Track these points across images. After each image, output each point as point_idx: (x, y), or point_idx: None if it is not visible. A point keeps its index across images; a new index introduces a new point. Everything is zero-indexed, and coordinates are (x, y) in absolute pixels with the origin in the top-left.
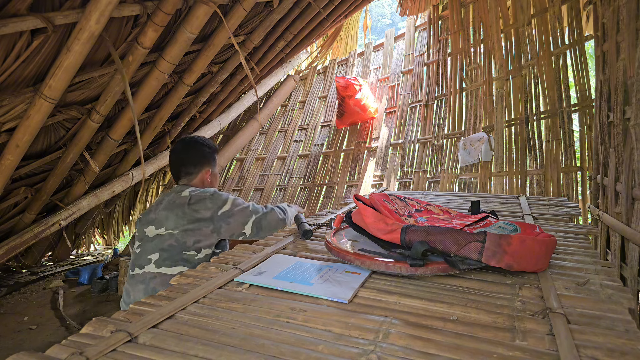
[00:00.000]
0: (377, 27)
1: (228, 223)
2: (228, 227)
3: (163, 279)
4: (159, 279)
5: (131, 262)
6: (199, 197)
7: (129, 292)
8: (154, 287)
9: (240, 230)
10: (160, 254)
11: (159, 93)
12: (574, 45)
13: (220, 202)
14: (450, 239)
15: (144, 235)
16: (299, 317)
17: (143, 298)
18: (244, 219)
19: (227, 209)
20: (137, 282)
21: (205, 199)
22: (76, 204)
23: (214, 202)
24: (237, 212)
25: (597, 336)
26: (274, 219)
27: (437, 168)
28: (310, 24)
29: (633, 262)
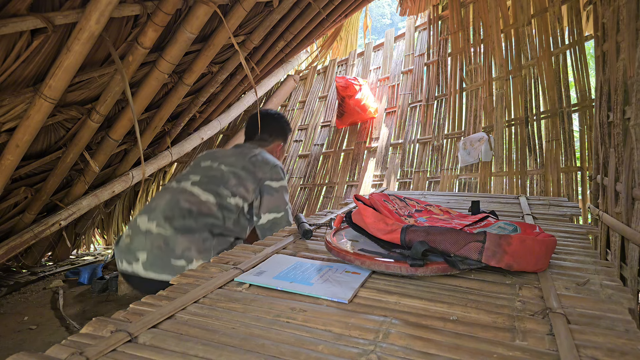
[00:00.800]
0: (377, 27)
1: (264, 196)
2: (262, 199)
3: (190, 198)
4: (187, 196)
5: (177, 176)
6: (264, 160)
7: (156, 198)
8: (177, 199)
9: (262, 211)
10: (201, 179)
11: (159, 93)
12: (574, 45)
13: (275, 176)
14: (450, 239)
15: (198, 163)
16: (299, 317)
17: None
18: (274, 208)
19: (275, 186)
20: (168, 189)
21: (268, 164)
22: (76, 204)
23: (271, 172)
24: (276, 198)
25: (597, 336)
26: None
27: (437, 168)
28: (310, 24)
29: (633, 262)
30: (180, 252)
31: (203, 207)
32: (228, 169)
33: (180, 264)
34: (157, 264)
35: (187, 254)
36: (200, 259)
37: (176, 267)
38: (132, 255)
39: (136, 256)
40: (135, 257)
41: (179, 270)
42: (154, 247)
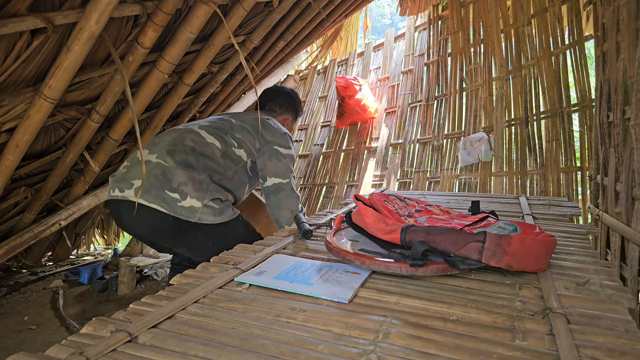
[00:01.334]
0: (377, 27)
1: (269, 158)
2: (266, 160)
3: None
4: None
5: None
6: (274, 125)
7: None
8: (183, 137)
9: (268, 174)
10: (210, 124)
11: (159, 93)
12: (574, 45)
13: (284, 143)
14: (450, 239)
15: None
16: (299, 317)
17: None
18: (280, 173)
19: (283, 152)
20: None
21: (278, 130)
22: (76, 204)
23: (281, 139)
24: (283, 164)
25: (597, 336)
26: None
27: (437, 168)
28: (310, 24)
29: (633, 262)
30: (176, 184)
31: (207, 148)
32: (238, 122)
33: (174, 197)
34: (150, 192)
35: (182, 188)
36: (194, 199)
37: (168, 199)
38: (127, 183)
39: (130, 183)
40: (130, 184)
41: (170, 203)
42: (150, 175)
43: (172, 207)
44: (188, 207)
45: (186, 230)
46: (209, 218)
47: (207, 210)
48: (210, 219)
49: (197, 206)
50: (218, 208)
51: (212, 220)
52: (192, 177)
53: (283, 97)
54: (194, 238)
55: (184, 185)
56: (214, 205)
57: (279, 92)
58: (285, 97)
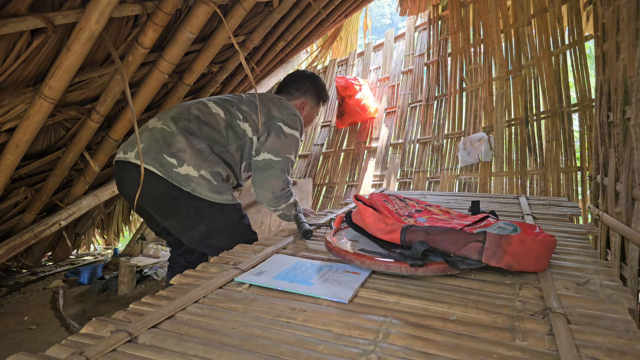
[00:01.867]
0: (377, 27)
1: (269, 133)
2: (266, 136)
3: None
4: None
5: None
6: (285, 104)
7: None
8: (189, 106)
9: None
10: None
11: (159, 93)
12: (574, 45)
13: (290, 122)
14: (450, 239)
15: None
16: (299, 317)
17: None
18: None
19: (286, 131)
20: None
21: (288, 109)
22: (76, 204)
23: (288, 117)
24: (282, 142)
25: (597, 336)
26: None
27: (437, 168)
28: (310, 24)
29: (633, 262)
30: (175, 150)
31: (211, 118)
32: (247, 97)
33: (171, 161)
34: (149, 155)
35: (180, 154)
36: (191, 167)
37: (165, 163)
38: (131, 146)
39: (134, 146)
40: (133, 147)
41: (166, 167)
42: (152, 140)
43: (168, 171)
44: (184, 175)
45: (178, 199)
46: (203, 191)
47: (202, 182)
48: (204, 193)
49: (192, 175)
50: (215, 185)
51: (205, 196)
52: (192, 145)
53: (302, 80)
54: (184, 210)
55: (182, 151)
56: (211, 179)
57: (297, 76)
58: (305, 80)
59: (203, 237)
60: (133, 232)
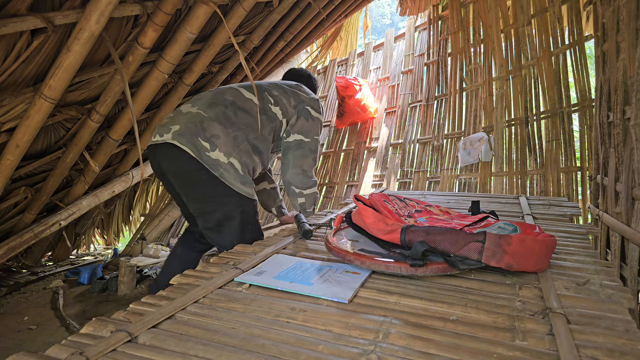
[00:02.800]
0: (377, 27)
1: (299, 116)
2: (296, 118)
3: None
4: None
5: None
6: (308, 92)
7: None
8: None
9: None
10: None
11: (159, 93)
12: (574, 45)
13: (316, 107)
14: (450, 239)
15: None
16: (299, 317)
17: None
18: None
19: (313, 114)
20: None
21: (311, 95)
22: (76, 204)
23: (313, 103)
24: (310, 124)
25: (597, 336)
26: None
27: (437, 168)
28: (310, 24)
29: (633, 262)
30: (209, 135)
31: (246, 104)
32: (274, 84)
33: (204, 145)
34: (185, 136)
35: (214, 140)
36: (222, 153)
37: (199, 146)
38: (166, 128)
39: (169, 129)
40: (168, 129)
41: (199, 149)
42: (189, 122)
43: (201, 153)
44: (214, 159)
45: (205, 181)
46: (229, 178)
47: (230, 169)
48: (230, 181)
49: (222, 161)
50: (242, 175)
51: (231, 183)
52: (227, 132)
53: (303, 78)
54: (207, 195)
55: (216, 138)
56: (239, 169)
57: (298, 73)
58: (303, 78)
59: (218, 222)
60: (133, 232)
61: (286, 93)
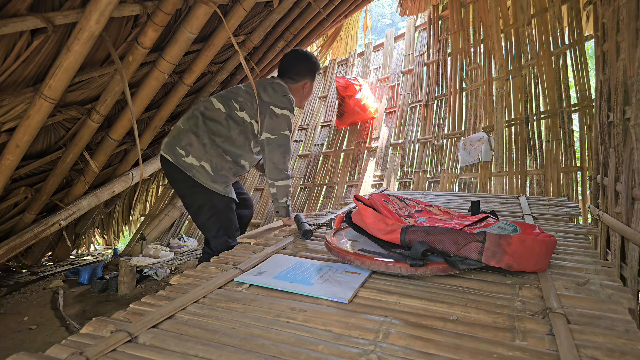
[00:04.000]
0: (377, 27)
1: (264, 116)
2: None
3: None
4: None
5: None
6: (276, 88)
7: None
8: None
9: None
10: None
11: (159, 93)
12: (574, 45)
13: (280, 103)
14: (450, 239)
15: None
16: (299, 317)
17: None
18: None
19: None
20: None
21: (278, 93)
22: (76, 204)
23: (278, 99)
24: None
25: (597, 336)
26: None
27: (437, 168)
28: (310, 24)
29: (633, 262)
30: (183, 144)
31: (214, 113)
32: (245, 88)
33: (180, 152)
34: (168, 147)
35: (188, 148)
36: (194, 158)
37: (177, 153)
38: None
39: (163, 142)
40: (165, 143)
41: (177, 156)
42: (171, 136)
43: (178, 159)
44: (189, 163)
45: (183, 181)
46: (201, 178)
47: (202, 170)
48: (202, 180)
49: (195, 164)
50: (212, 175)
51: (202, 182)
52: (198, 140)
53: (299, 65)
54: (185, 190)
55: (189, 145)
56: (209, 170)
57: (294, 60)
58: (303, 63)
59: (194, 212)
60: (133, 232)
61: (251, 96)
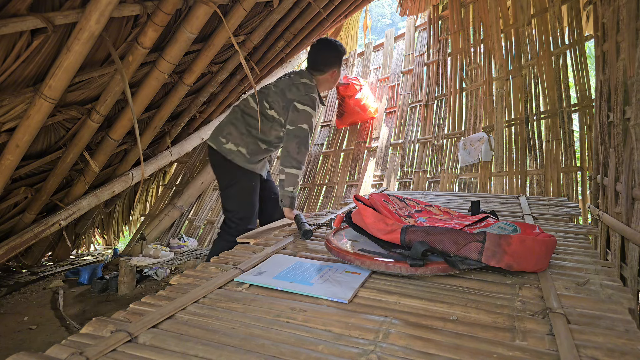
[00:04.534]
0: (377, 27)
1: (289, 111)
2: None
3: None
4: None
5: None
6: (300, 87)
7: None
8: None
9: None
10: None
11: (159, 93)
12: (574, 45)
13: (302, 100)
14: (450, 239)
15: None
16: (299, 317)
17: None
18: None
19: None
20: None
21: (301, 91)
22: (76, 204)
23: (301, 97)
24: (295, 116)
25: (597, 336)
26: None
27: (437, 168)
28: (310, 24)
29: (633, 262)
30: (224, 133)
31: (250, 110)
32: (274, 88)
33: (222, 140)
34: (213, 137)
35: (228, 136)
36: (232, 144)
37: (218, 142)
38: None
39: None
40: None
41: (220, 144)
42: (216, 128)
43: (220, 146)
44: (228, 149)
45: (224, 164)
46: (239, 161)
47: (239, 154)
48: (239, 162)
49: (233, 149)
50: (248, 158)
51: (240, 164)
52: (237, 130)
53: (327, 54)
54: (225, 172)
55: (229, 134)
56: (245, 154)
57: (321, 50)
58: (330, 52)
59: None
60: (133, 232)
61: (278, 95)
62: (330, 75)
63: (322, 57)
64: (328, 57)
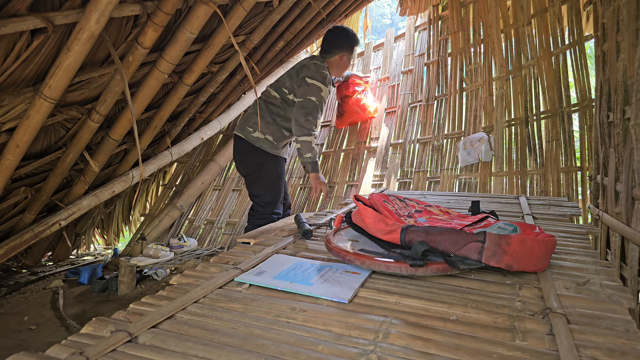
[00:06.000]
0: (377, 27)
1: (300, 86)
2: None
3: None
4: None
5: None
6: (311, 66)
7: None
8: (262, 95)
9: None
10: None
11: (159, 93)
12: (574, 45)
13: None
14: (450, 239)
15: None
16: (299, 317)
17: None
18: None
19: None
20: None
21: (311, 69)
22: (76, 204)
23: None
24: (304, 89)
25: (597, 336)
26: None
27: (437, 168)
28: (310, 24)
29: (633, 262)
30: (251, 123)
31: (272, 99)
32: (288, 74)
33: (249, 129)
34: (240, 127)
35: (254, 125)
36: (260, 133)
37: (246, 131)
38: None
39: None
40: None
41: (246, 133)
42: (242, 119)
43: (247, 135)
44: (256, 137)
45: (252, 152)
46: (266, 147)
47: (266, 141)
48: (267, 149)
49: (260, 137)
50: (275, 144)
51: (268, 150)
52: (262, 119)
53: (337, 37)
54: (253, 159)
55: (255, 124)
56: (272, 141)
57: (332, 34)
58: (340, 36)
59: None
60: (133, 232)
61: (292, 79)
62: (340, 58)
63: (331, 39)
64: (337, 39)
